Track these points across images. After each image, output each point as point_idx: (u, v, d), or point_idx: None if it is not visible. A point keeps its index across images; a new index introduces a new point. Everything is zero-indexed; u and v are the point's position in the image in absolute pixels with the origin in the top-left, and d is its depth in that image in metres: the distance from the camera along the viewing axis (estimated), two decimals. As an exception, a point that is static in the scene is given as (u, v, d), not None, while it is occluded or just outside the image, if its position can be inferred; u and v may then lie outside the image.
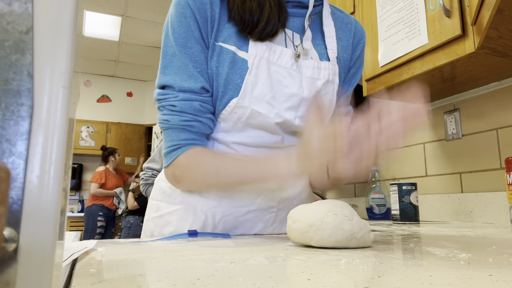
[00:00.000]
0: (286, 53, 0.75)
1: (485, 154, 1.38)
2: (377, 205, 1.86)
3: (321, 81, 0.78)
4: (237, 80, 0.72)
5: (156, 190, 0.87)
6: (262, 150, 0.78)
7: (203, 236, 0.73)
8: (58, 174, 0.20)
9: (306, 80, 0.77)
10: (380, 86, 1.41)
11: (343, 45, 0.86)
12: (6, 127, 0.19)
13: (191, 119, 0.73)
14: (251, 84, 0.72)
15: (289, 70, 0.75)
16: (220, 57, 0.73)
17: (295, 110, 0.76)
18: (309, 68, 0.77)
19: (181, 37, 0.72)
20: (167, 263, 0.41)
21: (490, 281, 0.30)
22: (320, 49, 0.82)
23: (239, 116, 0.74)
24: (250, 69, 0.72)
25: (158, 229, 0.81)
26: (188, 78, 0.72)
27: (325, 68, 0.79)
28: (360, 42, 0.89)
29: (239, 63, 0.73)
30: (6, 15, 0.20)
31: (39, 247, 0.19)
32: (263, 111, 0.73)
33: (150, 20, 4.62)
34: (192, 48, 0.73)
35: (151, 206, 0.86)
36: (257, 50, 0.73)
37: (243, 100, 0.72)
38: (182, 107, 0.72)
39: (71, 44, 0.21)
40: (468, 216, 1.41)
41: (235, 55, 0.73)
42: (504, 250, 0.50)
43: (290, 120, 0.75)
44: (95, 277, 0.35)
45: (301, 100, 0.76)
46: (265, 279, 0.32)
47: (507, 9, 0.86)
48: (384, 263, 0.39)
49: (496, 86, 1.35)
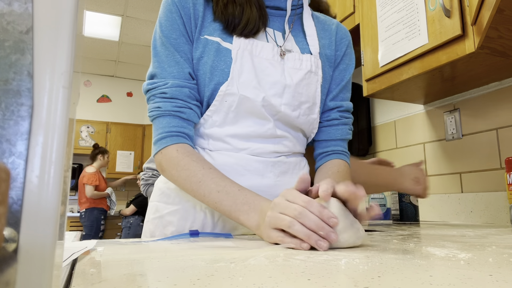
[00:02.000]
0: (268, 46, 0.80)
1: (485, 154, 1.38)
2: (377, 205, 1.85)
3: (303, 71, 0.82)
4: (222, 66, 0.76)
5: (155, 191, 0.88)
6: (256, 141, 0.79)
7: (204, 236, 0.73)
8: (58, 174, 0.20)
9: (288, 70, 0.81)
10: (380, 86, 1.41)
11: (325, 43, 0.90)
12: (6, 127, 0.19)
13: (182, 105, 0.76)
14: (237, 72, 0.76)
15: (271, 61, 0.79)
16: (205, 48, 0.78)
17: (280, 96, 0.79)
18: (291, 60, 0.81)
19: (167, 30, 0.78)
20: (167, 263, 0.41)
21: (490, 281, 0.30)
22: (302, 45, 0.86)
23: (229, 104, 0.77)
24: (235, 58, 0.76)
25: (159, 230, 0.82)
26: (176, 65, 0.77)
27: (307, 60, 0.83)
28: (344, 40, 0.93)
29: (223, 52, 0.77)
30: (6, 15, 0.20)
31: (39, 247, 0.19)
32: (250, 96, 0.76)
33: (150, 20, 4.62)
34: (177, 39, 0.78)
35: (151, 207, 0.87)
36: (240, 43, 0.77)
37: (232, 87, 0.76)
38: (173, 93, 0.76)
39: (71, 44, 0.21)
40: (468, 216, 1.41)
41: (219, 45, 0.78)
42: (504, 250, 0.50)
43: (276, 105, 0.78)
44: (95, 277, 0.35)
45: (285, 87, 0.79)
46: (265, 279, 0.32)
47: (507, 9, 0.86)
48: (384, 263, 0.39)
49: (496, 86, 1.35)
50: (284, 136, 0.82)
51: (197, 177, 0.71)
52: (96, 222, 4.65)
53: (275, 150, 0.81)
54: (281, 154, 0.83)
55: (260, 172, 0.79)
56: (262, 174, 0.80)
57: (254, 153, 0.80)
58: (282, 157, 0.83)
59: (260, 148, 0.80)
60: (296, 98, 0.80)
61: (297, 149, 0.86)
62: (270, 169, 0.80)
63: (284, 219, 0.54)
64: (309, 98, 0.82)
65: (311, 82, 0.83)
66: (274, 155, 0.82)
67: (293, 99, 0.80)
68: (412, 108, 1.74)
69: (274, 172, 0.81)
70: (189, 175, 0.72)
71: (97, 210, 4.70)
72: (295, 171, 0.84)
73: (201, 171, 0.71)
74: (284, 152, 0.83)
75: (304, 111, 0.82)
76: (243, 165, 0.78)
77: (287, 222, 0.53)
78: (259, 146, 0.80)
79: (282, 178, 0.81)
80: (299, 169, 0.86)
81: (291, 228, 0.53)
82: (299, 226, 0.52)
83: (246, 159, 0.79)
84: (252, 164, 0.79)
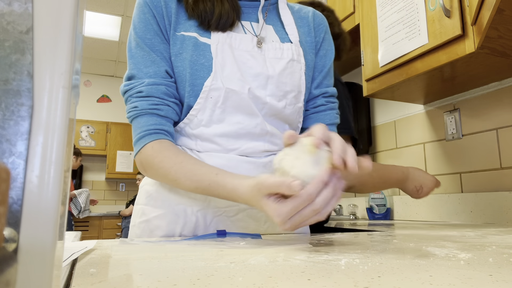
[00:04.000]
0: (247, 38, 0.80)
1: (485, 154, 1.38)
2: (377, 205, 1.86)
3: (285, 60, 0.81)
4: (201, 60, 0.76)
5: (141, 194, 0.85)
6: (245, 140, 0.78)
7: (231, 237, 0.70)
8: (58, 174, 0.20)
9: (270, 60, 0.80)
10: (380, 86, 1.41)
11: (304, 31, 0.90)
12: (6, 127, 0.19)
13: (159, 102, 0.75)
14: (220, 65, 0.75)
15: (251, 52, 0.79)
16: (183, 44, 0.78)
17: (263, 88, 0.78)
18: (271, 50, 0.81)
19: (141, 31, 0.78)
20: (167, 263, 0.41)
21: (490, 281, 0.30)
22: (281, 34, 0.85)
23: (215, 100, 0.76)
24: (215, 53, 0.76)
25: (146, 234, 0.79)
26: (152, 64, 0.77)
27: (288, 49, 0.82)
28: (321, 26, 0.93)
29: (201, 47, 0.77)
30: (6, 15, 0.20)
31: (39, 247, 0.19)
32: (236, 88, 0.75)
33: (150, 20, 4.61)
34: (152, 39, 0.78)
35: (136, 211, 0.84)
36: (218, 37, 0.77)
37: (216, 82, 0.75)
38: (149, 91, 0.75)
39: (71, 44, 0.21)
40: (468, 216, 1.41)
41: (197, 40, 0.77)
42: (504, 250, 0.50)
43: (261, 97, 0.78)
44: (95, 277, 0.35)
45: (268, 78, 0.79)
46: (265, 279, 0.32)
47: (507, 9, 0.86)
48: (384, 263, 0.39)
49: (496, 86, 1.35)
50: (274, 133, 0.80)
51: (171, 175, 0.71)
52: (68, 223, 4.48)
53: (266, 149, 0.80)
54: (272, 153, 0.81)
55: (252, 173, 0.76)
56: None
57: (245, 153, 0.78)
58: (272, 157, 0.81)
59: (251, 148, 0.78)
60: (280, 88, 0.79)
61: None
62: (261, 170, 0.78)
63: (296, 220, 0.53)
64: (294, 87, 0.81)
65: (295, 70, 0.82)
66: (264, 154, 0.80)
67: (277, 89, 0.79)
68: (412, 108, 1.74)
69: (266, 173, 0.80)
70: (164, 173, 0.72)
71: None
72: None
73: (173, 167, 0.71)
74: (275, 150, 0.81)
75: (290, 101, 0.81)
76: (233, 167, 0.75)
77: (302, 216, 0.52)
78: (250, 146, 0.78)
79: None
80: None
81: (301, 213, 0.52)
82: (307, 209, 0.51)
83: (236, 160, 0.77)
84: (242, 165, 0.77)
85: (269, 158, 0.80)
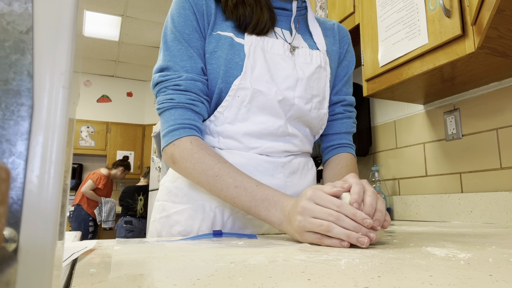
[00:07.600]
0: (279, 43, 0.82)
1: (485, 154, 1.38)
2: (377, 205, 1.85)
3: (314, 65, 0.84)
4: (236, 59, 0.77)
5: (161, 191, 0.87)
6: (267, 140, 0.80)
7: (228, 237, 0.71)
8: (58, 174, 0.20)
9: (300, 64, 0.83)
10: (380, 86, 1.41)
11: (330, 41, 0.94)
12: (6, 127, 0.19)
13: (196, 98, 0.76)
14: (250, 66, 0.77)
15: (282, 56, 0.81)
16: (218, 43, 0.79)
17: (292, 89, 0.80)
18: (301, 55, 0.84)
19: (180, 25, 0.79)
20: (167, 263, 0.41)
21: (490, 281, 0.30)
22: (310, 43, 0.88)
23: (242, 99, 0.77)
24: (248, 54, 0.77)
25: (166, 229, 0.81)
26: (188, 59, 0.78)
27: (317, 55, 0.85)
28: (345, 38, 0.98)
29: (236, 46, 0.79)
30: (6, 15, 0.20)
31: (39, 247, 0.19)
32: (263, 89, 0.77)
33: (150, 20, 4.61)
34: (190, 34, 0.79)
35: (157, 207, 0.87)
36: (252, 40, 0.79)
37: (245, 81, 0.76)
38: (187, 86, 0.76)
39: (71, 44, 0.21)
40: (468, 216, 1.41)
41: (232, 40, 0.79)
42: (504, 250, 0.50)
43: (289, 98, 0.79)
44: (95, 277, 0.35)
45: (297, 80, 0.81)
46: (265, 279, 0.32)
47: (507, 9, 0.86)
48: (384, 263, 0.39)
49: (496, 86, 1.35)
50: (295, 134, 0.83)
51: (214, 171, 0.71)
52: (84, 223, 4.45)
53: (286, 149, 0.82)
54: (291, 153, 0.84)
55: (270, 172, 0.80)
56: (272, 175, 0.80)
57: (265, 152, 0.80)
58: (291, 157, 0.84)
59: (271, 147, 0.80)
60: (308, 91, 0.82)
61: (305, 148, 0.87)
62: (280, 169, 0.81)
63: (322, 224, 0.55)
64: (320, 92, 0.85)
65: (321, 76, 0.85)
66: (284, 154, 0.83)
67: (305, 92, 0.82)
68: (412, 108, 1.74)
69: (284, 173, 0.82)
70: (204, 169, 0.71)
71: (85, 212, 4.48)
72: (303, 172, 0.86)
73: (217, 165, 0.71)
74: (294, 151, 0.84)
75: (315, 105, 0.84)
76: (253, 165, 0.79)
77: (325, 227, 0.55)
78: (270, 145, 0.80)
79: (291, 179, 0.83)
80: (307, 169, 0.88)
81: (331, 231, 0.55)
82: (339, 229, 0.54)
83: (256, 159, 0.79)
84: (262, 164, 0.80)
85: (288, 158, 0.83)
